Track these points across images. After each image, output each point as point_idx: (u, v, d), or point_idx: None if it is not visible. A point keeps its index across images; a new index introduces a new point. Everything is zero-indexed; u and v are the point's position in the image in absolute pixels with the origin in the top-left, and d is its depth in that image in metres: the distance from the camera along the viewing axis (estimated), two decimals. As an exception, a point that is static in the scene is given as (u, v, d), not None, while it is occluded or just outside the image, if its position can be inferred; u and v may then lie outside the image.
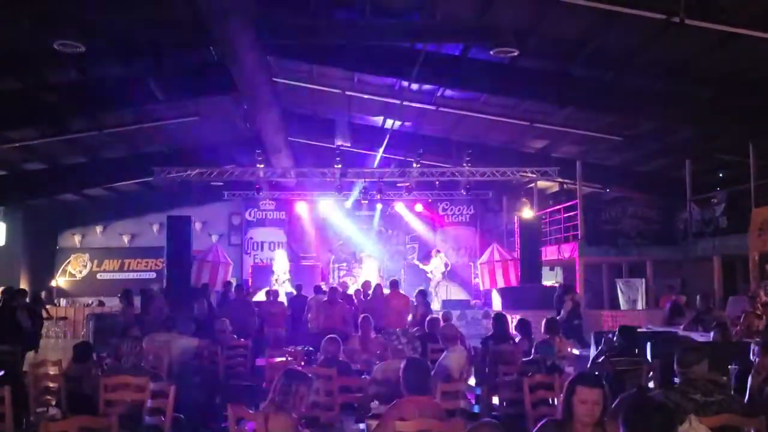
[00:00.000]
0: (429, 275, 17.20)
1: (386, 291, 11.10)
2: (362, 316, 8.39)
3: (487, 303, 15.88)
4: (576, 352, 8.22)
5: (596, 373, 4.34)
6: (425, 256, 18.37)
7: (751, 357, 4.76)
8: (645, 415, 2.66)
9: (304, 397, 3.71)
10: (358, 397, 5.42)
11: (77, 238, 20.41)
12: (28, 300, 10.38)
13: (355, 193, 17.06)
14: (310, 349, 7.67)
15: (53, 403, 5.63)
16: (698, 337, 8.34)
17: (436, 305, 14.65)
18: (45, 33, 8.75)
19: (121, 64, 10.68)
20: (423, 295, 11.29)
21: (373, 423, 4.11)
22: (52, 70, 10.56)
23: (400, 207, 18.80)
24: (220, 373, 7.60)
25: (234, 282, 13.83)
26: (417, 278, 16.77)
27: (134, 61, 10.42)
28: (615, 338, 7.06)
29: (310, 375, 3.89)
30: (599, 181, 16.84)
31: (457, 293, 16.76)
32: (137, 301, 10.79)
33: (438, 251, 17.96)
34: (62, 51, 9.16)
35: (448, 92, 12.25)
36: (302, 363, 6.87)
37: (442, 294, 16.79)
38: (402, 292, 11.10)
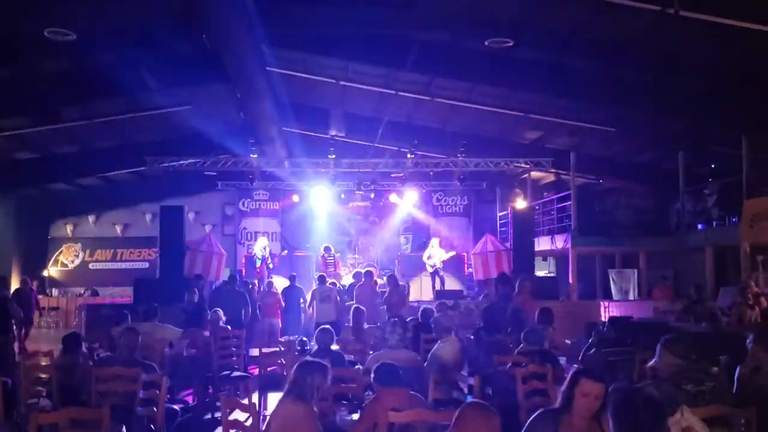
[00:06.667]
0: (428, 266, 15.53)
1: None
2: (354, 306, 8.42)
3: (481, 293, 15.88)
4: (568, 342, 8.25)
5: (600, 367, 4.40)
6: (420, 246, 18.22)
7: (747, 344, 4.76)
8: (633, 408, 2.67)
9: (321, 387, 3.80)
10: (351, 388, 5.43)
11: (69, 228, 20.28)
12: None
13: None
14: (304, 339, 7.69)
15: (44, 394, 5.62)
16: (690, 327, 8.41)
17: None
18: (35, 20, 8.65)
19: (113, 52, 10.58)
20: (393, 279, 11.49)
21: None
22: (43, 58, 10.44)
23: (393, 198, 18.77)
24: (213, 363, 7.61)
25: (228, 272, 13.81)
26: (412, 269, 16.75)
27: (126, 49, 10.32)
28: (606, 329, 7.11)
29: (324, 363, 3.91)
30: (593, 172, 16.84)
31: (451, 283, 16.74)
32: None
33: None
34: (53, 39, 9.08)
35: (443, 82, 12.20)
36: (295, 353, 6.88)
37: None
38: (377, 280, 12.01)
